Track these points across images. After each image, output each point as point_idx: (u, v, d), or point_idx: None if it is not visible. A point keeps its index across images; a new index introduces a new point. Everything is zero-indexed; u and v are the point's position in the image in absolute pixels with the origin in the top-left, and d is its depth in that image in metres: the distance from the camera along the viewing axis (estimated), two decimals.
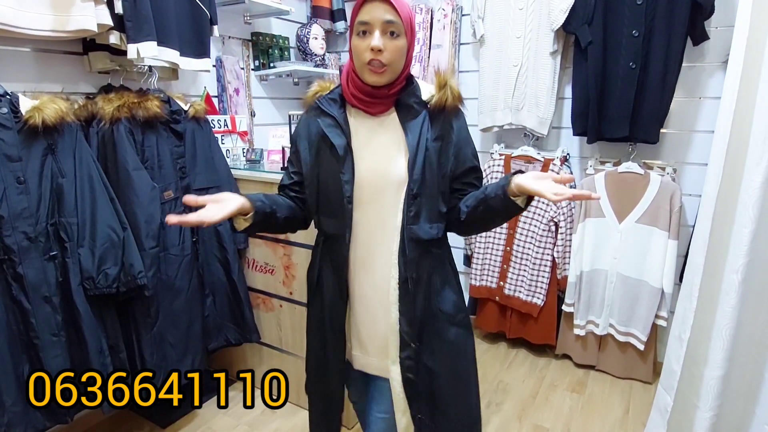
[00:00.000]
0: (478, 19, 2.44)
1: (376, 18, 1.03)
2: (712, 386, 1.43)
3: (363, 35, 1.05)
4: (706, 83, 2.16)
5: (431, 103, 1.12)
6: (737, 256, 1.34)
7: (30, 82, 1.70)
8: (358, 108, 1.13)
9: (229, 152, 2.29)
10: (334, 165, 1.11)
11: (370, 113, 1.13)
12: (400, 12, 1.04)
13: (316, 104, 1.16)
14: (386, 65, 1.05)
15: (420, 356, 1.14)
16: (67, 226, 1.50)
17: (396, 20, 1.04)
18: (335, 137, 1.11)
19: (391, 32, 1.04)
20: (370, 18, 1.03)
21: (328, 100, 1.15)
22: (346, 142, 1.11)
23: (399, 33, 1.05)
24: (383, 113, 1.14)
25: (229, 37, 2.47)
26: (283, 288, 2.05)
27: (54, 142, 1.49)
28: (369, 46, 1.03)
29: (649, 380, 2.32)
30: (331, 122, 1.13)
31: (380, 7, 1.03)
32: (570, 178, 1.01)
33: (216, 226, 1.92)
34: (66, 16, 1.53)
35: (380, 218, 1.12)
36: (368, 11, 1.04)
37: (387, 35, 1.04)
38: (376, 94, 1.10)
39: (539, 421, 2.05)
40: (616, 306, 2.33)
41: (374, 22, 1.03)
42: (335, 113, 1.13)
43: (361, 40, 1.05)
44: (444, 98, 1.11)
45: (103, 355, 1.59)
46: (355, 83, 1.11)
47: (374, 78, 1.07)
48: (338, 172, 1.11)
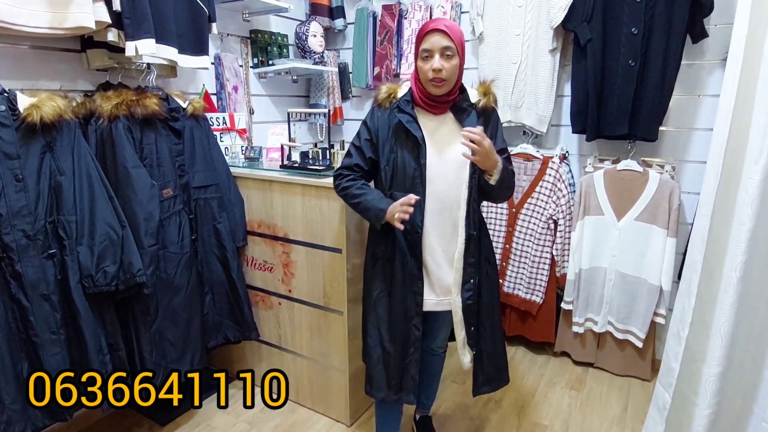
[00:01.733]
0: (477, 16, 2.43)
1: (436, 45, 1.37)
2: (711, 383, 1.43)
3: (426, 59, 1.39)
4: (705, 81, 2.16)
5: (479, 106, 1.50)
6: (736, 253, 1.34)
7: (28, 79, 1.70)
8: (425, 109, 1.48)
9: (227, 150, 2.29)
10: (413, 151, 1.45)
11: (434, 113, 1.49)
12: (453, 38, 1.37)
13: (396, 104, 1.48)
14: (445, 80, 1.39)
15: (475, 288, 1.52)
16: (65, 224, 1.50)
17: (451, 45, 1.37)
18: (415, 130, 1.44)
19: (447, 55, 1.38)
20: (431, 45, 1.38)
21: (405, 101, 1.47)
22: (422, 134, 1.45)
23: (453, 54, 1.38)
24: (443, 114, 1.49)
25: (228, 34, 2.47)
26: (282, 286, 2.05)
27: (52, 140, 1.49)
28: (432, 67, 1.38)
29: (647, 378, 2.33)
30: (410, 119, 1.45)
31: (439, 36, 1.37)
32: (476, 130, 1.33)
33: (215, 224, 1.94)
34: (64, 14, 1.52)
35: (446, 190, 1.47)
36: (429, 39, 1.38)
37: (444, 57, 1.38)
38: (440, 100, 1.46)
39: (538, 419, 2.06)
40: (614, 303, 2.33)
41: (434, 49, 1.38)
42: (411, 112, 1.46)
43: (424, 63, 1.40)
44: (489, 102, 1.50)
45: (102, 353, 1.59)
46: (422, 91, 1.46)
47: (436, 90, 1.42)
48: (417, 156, 1.45)
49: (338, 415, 2.03)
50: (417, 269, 1.50)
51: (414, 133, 1.44)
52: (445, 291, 1.54)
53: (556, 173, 2.37)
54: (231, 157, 2.27)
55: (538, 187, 2.41)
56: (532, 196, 2.43)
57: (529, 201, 2.44)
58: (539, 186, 2.41)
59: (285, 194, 1.94)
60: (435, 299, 1.54)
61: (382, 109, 1.52)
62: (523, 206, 2.46)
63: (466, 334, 1.55)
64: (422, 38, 1.41)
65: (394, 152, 1.48)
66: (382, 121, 1.50)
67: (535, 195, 2.43)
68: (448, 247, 1.51)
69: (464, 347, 1.57)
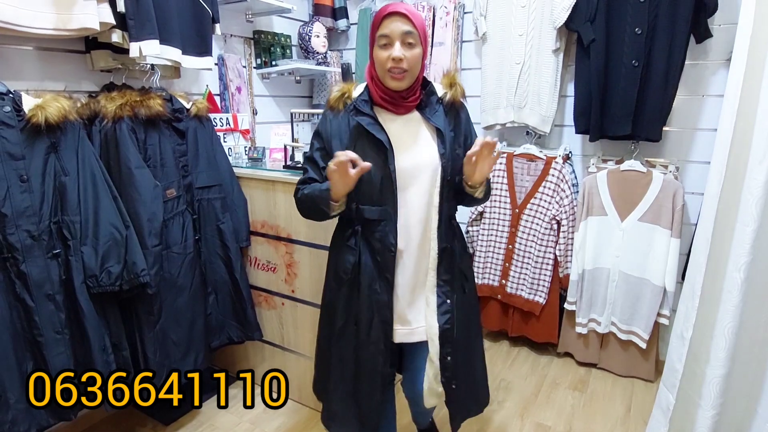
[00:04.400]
0: (480, 16, 2.43)
1: (396, 31, 1.19)
2: (715, 385, 1.42)
3: (384, 47, 1.22)
4: (709, 81, 2.15)
5: (446, 100, 1.32)
6: (740, 254, 1.33)
7: (33, 80, 1.71)
8: (386, 109, 1.30)
9: (231, 150, 2.29)
10: (379, 157, 1.26)
11: (397, 113, 1.31)
12: (415, 23, 1.20)
13: (353, 105, 1.30)
14: (406, 71, 1.22)
15: (452, 309, 1.35)
16: (70, 224, 1.51)
17: (413, 31, 1.20)
18: (378, 132, 1.26)
19: (409, 42, 1.21)
20: (390, 31, 1.20)
21: (362, 101, 1.29)
22: (387, 136, 1.26)
23: (415, 42, 1.21)
24: (408, 113, 1.32)
25: (231, 35, 2.47)
26: (285, 286, 2.06)
27: (57, 141, 1.49)
28: (390, 56, 1.20)
29: (651, 378, 2.32)
30: (371, 120, 1.27)
31: (399, 21, 1.19)
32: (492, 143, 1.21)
33: (218, 224, 1.94)
34: (68, 15, 1.53)
35: (417, 199, 1.30)
36: (388, 25, 1.20)
37: (405, 45, 1.20)
38: (403, 96, 1.28)
39: (541, 420, 2.05)
40: (618, 304, 2.33)
41: (394, 35, 1.20)
42: (371, 112, 1.28)
43: (382, 51, 1.22)
44: (455, 95, 1.33)
45: (106, 352, 1.59)
46: (380, 87, 1.28)
47: (395, 83, 1.24)
48: (385, 162, 1.26)
49: None
50: (387, 295, 1.32)
51: (377, 136, 1.25)
52: (418, 319, 1.37)
53: (559, 174, 2.36)
54: (234, 158, 2.27)
55: (541, 187, 2.41)
56: (535, 196, 2.43)
57: (532, 201, 2.44)
58: (542, 186, 2.41)
59: (288, 194, 1.94)
60: (407, 329, 1.37)
61: (335, 112, 1.33)
62: (526, 207, 2.46)
63: (441, 366, 1.34)
64: (379, 23, 1.21)
65: None
66: (336, 126, 1.31)
67: (538, 195, 2.42)
68: (421, 265, 1.35)
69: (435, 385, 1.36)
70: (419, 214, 1.31)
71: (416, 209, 1.31)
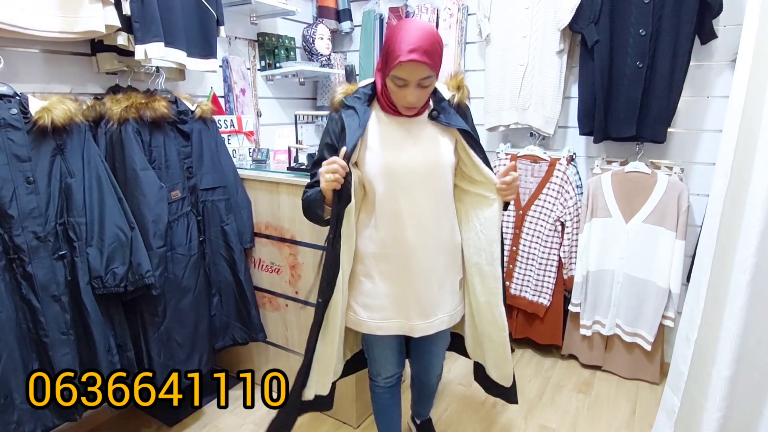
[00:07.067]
0: (483, 18, 2.43)
1: (414, 77, 1.17)
2: (720, 387, 1.42)
3: (400, 87, 1.20)
4: (714, 82, 2.15)
5: (453, 102, 1.34)
6: (745, 256, 1.33)
7: (39, 83, 1.72)
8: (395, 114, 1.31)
9: (235, 152, 2.30)
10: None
11: (406, 116, 1.31)
12: (434, 67, 1.17)
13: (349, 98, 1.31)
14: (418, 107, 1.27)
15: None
16: (75, 226, 1.52)
17: (431, 74, 1.18)
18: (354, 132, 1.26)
19: (425, 86, 1.20)
20: (408, 76, 1.17)
21: (355, 98, 1.31)
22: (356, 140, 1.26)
23: (431, 79, 1.20)
24: (417, 116, 1.32)
25: (236, 37, 2.48)
26: (289, 287, 2.06)
27: (63, 143, 1.50)
28: (405, 97, 1.21)
29: (656, 381, 2.31)
30: (353, 112, 1.29)
31: (419, 68, 1.15)
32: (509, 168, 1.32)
33: (222, 225, 1.95)
34: (74, 18, 1.54)
35: (433, 198, 1.33)
36: (407, 70, 1.15)
37: (421, 87, 1.20)
38: None
39: (545, 422, 2.04)
40: (622, 306, 2.32)
41: (411, 81, 1.18)
42: (362, 106, 1.30)
43: (398, 89, 1.21)
44: (462, 98, 1.36)
45: (111, 353, 1.60)
46: (389, 100, 1.28)
47: (407, 112, 1.28)
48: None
49: (344, 416, 2.03)
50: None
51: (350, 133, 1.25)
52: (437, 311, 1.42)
53: (564, 175, 2.36)
54: (238, 160, 2.28)
55: (546, 189, 2.41)
56: (540, 198, 2.43)
57: (537, 203, 2.44)
58: (546, 188, 2.40)
59: (292, 196, 1.94)
60: (425, 324, 1.41)
61: (339, 113, 1.34)
62: (530, 208, 2.46)
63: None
64: (396, 61, 1.14)
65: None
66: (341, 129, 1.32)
67: (542, 197, 2.42)
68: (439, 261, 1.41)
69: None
70: (434, 212, 1.35)
71: (431, 207, 1.34)
